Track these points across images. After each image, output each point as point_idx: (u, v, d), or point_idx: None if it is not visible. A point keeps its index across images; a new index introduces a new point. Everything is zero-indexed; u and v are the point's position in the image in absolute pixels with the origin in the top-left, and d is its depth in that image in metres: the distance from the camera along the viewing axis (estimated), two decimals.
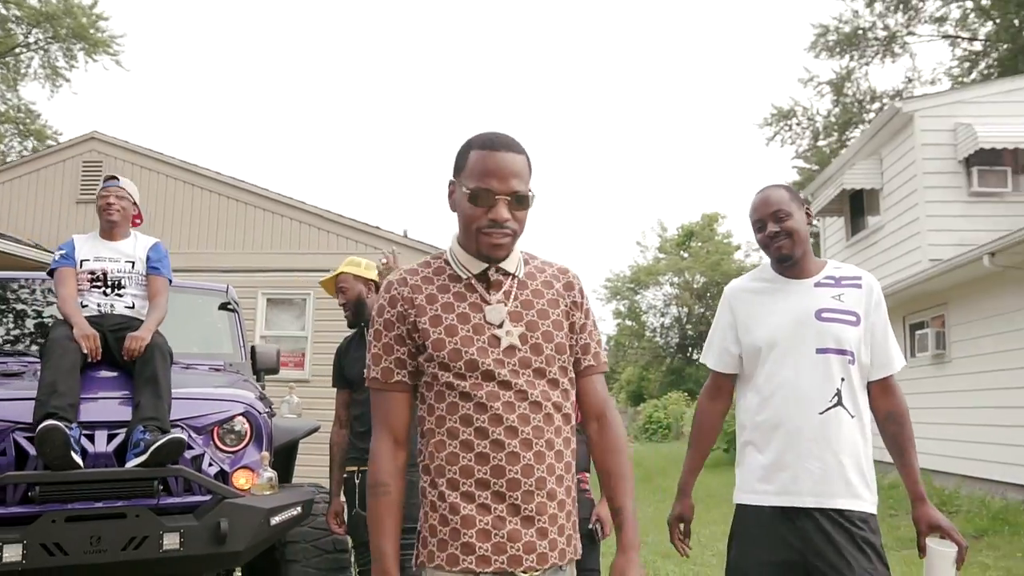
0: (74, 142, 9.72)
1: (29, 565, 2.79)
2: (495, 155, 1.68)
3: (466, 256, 1.75)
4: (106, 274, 3.67)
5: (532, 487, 1.65)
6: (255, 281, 8.99)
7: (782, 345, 2.47)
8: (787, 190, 2.53)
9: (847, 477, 2.37)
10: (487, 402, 1.66)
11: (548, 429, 1.69)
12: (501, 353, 1.69)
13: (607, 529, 3.34)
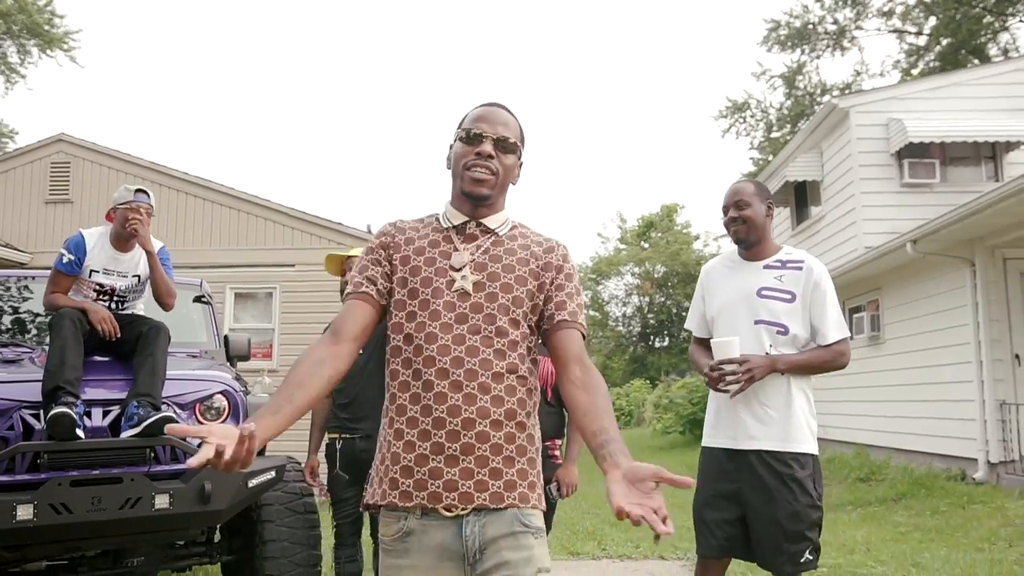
0: (42, 143, 9.96)
1: (40, 522, 3.19)
2: (489, 107, 1.88)
3: (452, 211, 1.88)
4: (114, 290, 3.94)
5: (458, 427, 1.68)
6: (223, 276, 9.34)
7: (726, 315, 3.03)
8: (755, 185, 3.06)
9: (775, 424, 2.87)
10: (424, 343, 1.73)
11: (485, 374, 1.71)
12: (453, 296, 1.76)
13: (564, 491, 3.79)
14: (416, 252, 1.83)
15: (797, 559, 2.82)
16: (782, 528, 2.81)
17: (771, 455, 2.86)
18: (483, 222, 1.87)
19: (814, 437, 2.94)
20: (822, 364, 2.94)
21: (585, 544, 6.34)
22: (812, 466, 2.90)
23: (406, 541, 1.71)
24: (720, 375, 2.87)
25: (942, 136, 11.52)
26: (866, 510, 7.50)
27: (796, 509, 2.81)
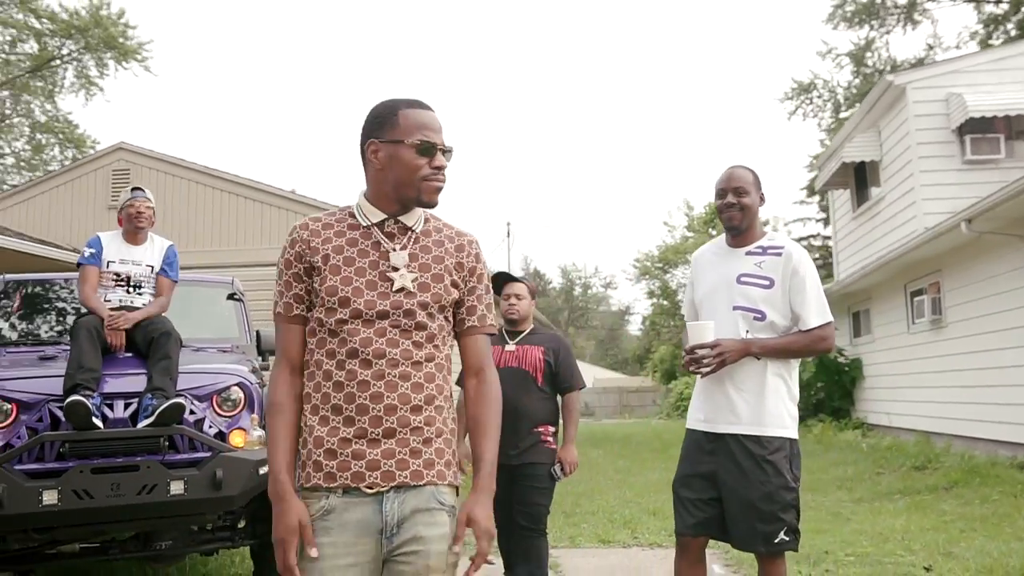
0: (104, 152, 10.50)
1: (64, 507, 3.43)
2: (429, 112, 1.88)
3: (371, 208, 1.90)
4: (129, 277, 4.33)
5: (381, 413, 1.79)
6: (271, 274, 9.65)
7: (709, 302, 3.08)
8: (753, 173, 3.08)
9: (751, 408, 2.91)
10: (348, 336, 1.81)
11: (405, 363, 1.82)
12: (373, 295, 1.83)
13: (567, 469, 3.95)
14: (335, 251, 1.87)
15: (771, 539, 2.85)
16: (755, 508, 2.85)
17: (747, 438, 2.90)
18: (401, 220, 1.92)
19: (793, 421, 2.96)
20: (800, 348, 2.95)
21: (618, 532, 6.37)
22: (789, 449, 2.93)
23: (326, 519, 1.78)
24: (693, 358, 2.91)
25: (1007, 109, 11.05)
26: (914, 499, 7.29)
27: (769, 490, 2.84)
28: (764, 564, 2.94)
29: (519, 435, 3.95)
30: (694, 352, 2.92)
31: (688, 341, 2.99)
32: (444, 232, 1.98)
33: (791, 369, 3.01)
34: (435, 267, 1.90)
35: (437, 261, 1.91)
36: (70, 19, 25.40)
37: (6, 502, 3.35)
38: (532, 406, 4.01)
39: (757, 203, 3.05)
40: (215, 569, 5.26)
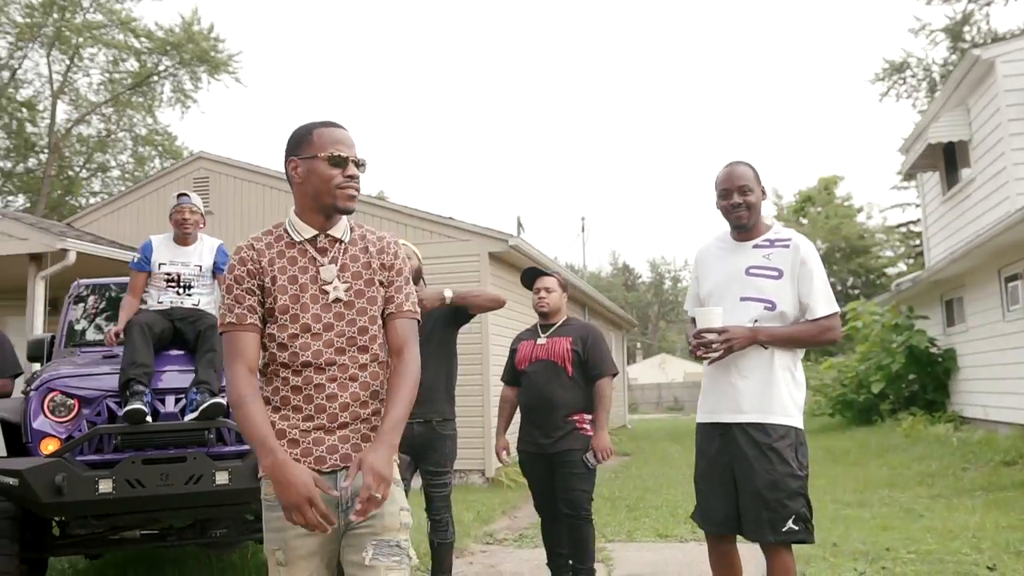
0: (186, 162, 11.04)
1: (118, 495, 3.66)
2: (340, 130, 2.09)
3: (302, 224, 2.08)
4: (180, 276, 4.52)
5: (336, 409, 2.01)
6: None
7: (716, 295, 3.09)
8: (751, 168, 3.10)
9: (756, 396, 2.92)
10: (300, 350, 2.00)
11: (352, 366, 2.03)
12: (318, 307, 2.03)
13: (600, 456, 4.03)
14: (280, 271, 2.06)
15: (778, 528, 2.84)
16: (761, 497, 2.85)
17: (751, 426, 2.92)
18: (331, 233, 2.10)
19: (798, 411, 2.98)
20: (807, 338, 2.97)
21: (678, 527, 6.31)
22: (794, 437, 2.94)
23: None
24: (700, 343, 2.92)
25: None
26: (996, 495, 6.92)
27: (774, 477, 2.85)
28: (770, 556, 2.91)
29: (554, 424, 4.09)
30: (702, 337, 2.92)
31: (688, 334, 3.03)
32: (368, 238, 2.17)
33: (796, 359, 3.03)
34: (365, 273, 2.10)
35: (366, 267, 2.11)
36: (166, 36, 26.72)
37: (66, 490, 3.60)
38: (563, 396, 4.12)
39: (760, 198, 3.08)
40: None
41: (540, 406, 4.15)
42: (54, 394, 3.94)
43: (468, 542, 6.09)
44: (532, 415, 4.23)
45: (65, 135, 27.33)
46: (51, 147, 26.71)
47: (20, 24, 25.43)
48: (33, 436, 3.85)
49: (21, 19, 25.57)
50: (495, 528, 6.54)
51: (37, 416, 3.89)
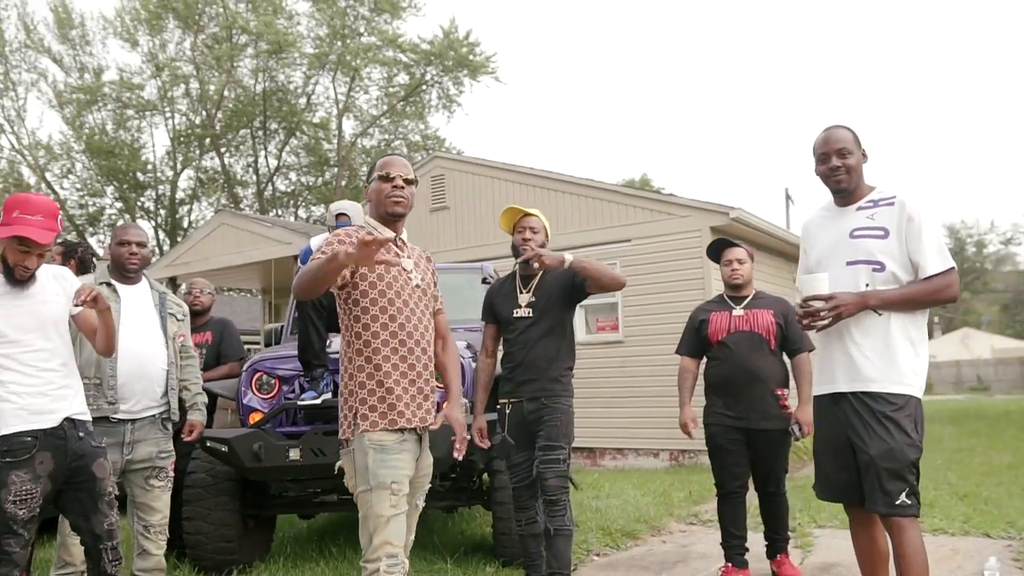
0: (424, 162, 11.95)
1: (304, 462, 4.12)
2: (394, 158, 2.85)
3: (380, 226, 2.80)
4: None
5: (424, 371, 2.77)
6: None
7: (823, 263, 3.00)
8: (850, 131, 3.00)
9: (872, 365, 2.80)
10: (405, 322, 2.72)
11: (427, 336, 2.80)
12: (413, 289, 2.77)
13: (806, 430, 3.98)
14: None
15: (891, 500, 2.72)
16: (876, 466, 2.74)
17: (866, 395, 2.80)
18: (401, 237, 2.87)
19: (918, 379, 2.81)
20: (922, 298, 2.77)
21: None
22: (913, 408, 2.78)
23: (402, 444, 2.66)
24: (806, 312, 2.81)
25: None
26: None
27: (890, 446, 2.73)
28: (893, 530, 2.76)
29: (761, 398, 4.08)
30: (808, 305, 2.79)
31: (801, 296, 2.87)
32: (417, 249, 2.97)
33: (918, 325, 2.83)
34: (428, 270, 2.92)
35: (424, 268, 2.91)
36: (429, 48, 28.87)
37: (263, 456, 4.14)
38: (769, 369, 4.12)
39: (860, 161, 2.95)
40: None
41: (742, 378, 4.11)
42: (259, 374, 4.54)
43: (669, 521, 6.02)
44: (730, 387, 4.15)
45: (351, 148, 30.59)
46: (340, 161, 30.06)
47: (310, 56, 28.90)
48: (243, 410, 4.47)
49: (311, 51, 29.08)
50: (705, 508, 6.38)
51: (246, 393, 4.51)
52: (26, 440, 2.84)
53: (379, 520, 2.56)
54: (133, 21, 28.46)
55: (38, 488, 2.85)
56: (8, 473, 2.80)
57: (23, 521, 2.82)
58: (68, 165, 28.91)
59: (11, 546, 2.80)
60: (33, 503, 2.84)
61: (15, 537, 2.81)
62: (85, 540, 3.08)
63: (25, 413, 2.87)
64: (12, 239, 2.93)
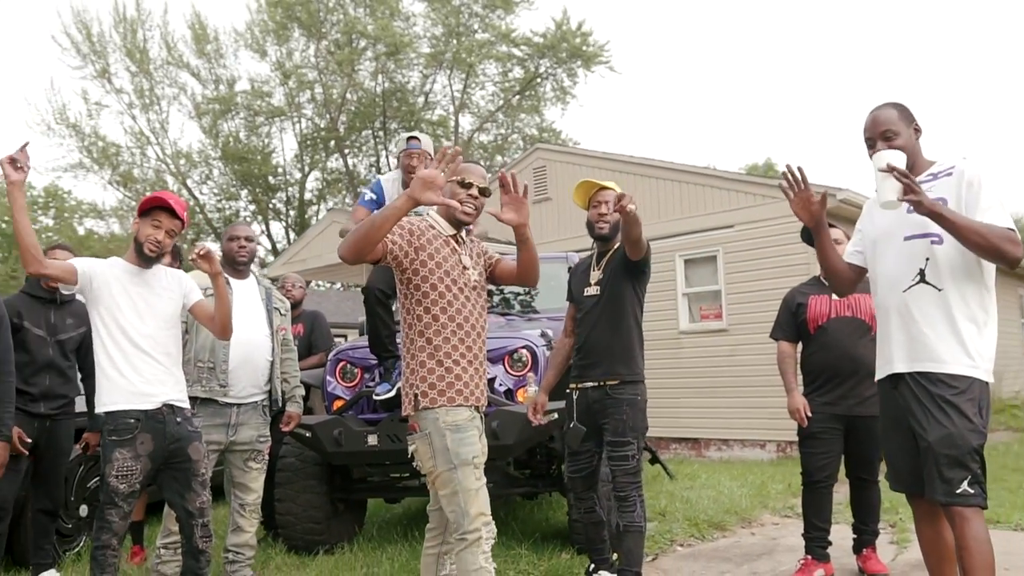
0: (527, 154, 12.02)
1: (381, 447, 4.29)
2: (473, 165, 3.04)
3: (444, 223, 3.00)
4: None
5: (480, 357, 2.96)
6: (671, 245, 9.99)
7: (881, 241, 2.89)
8: (896, 108, 2.84)
9: (931, 344, 2.67)
10: (461, 307, 2.91)
11: (482, 324, 3.00)
12: (470, 279, 2.97)
13: None
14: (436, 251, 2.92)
15: (952, 488, 2.57)
16: (934, 452, 2.59)
17: (924, 376, 2.67)
18: (460, 235, 3.04)
19: (984, 362, 2.64)
20: (986, 237, 2.54)
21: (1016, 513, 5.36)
22: (977, 392, 2.62)
23: (472, 422, 2.85)
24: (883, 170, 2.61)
25: None
26: None
27: (950, 431, 2.57)
28: (955, 520, 2.60)
29: (863, 385, 3.93)
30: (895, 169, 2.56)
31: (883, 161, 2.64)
32: (476, 241, 3.16)
33: (982, 302, 2.68)
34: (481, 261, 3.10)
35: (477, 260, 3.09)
36: (542, 41, 28.94)
37: (343, 442, 4.33)
38: (869, 356, 3.97)
39: (913, 139, 2.79)
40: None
41: (846, 367, 3.98)
42: (343, 363, 4.75)
43: (762, 513, 5.86)
44: (831, 376, 4.03)
45: (467, 144, 31.11)
46: None
47: (426, 55, 29.58)
48: (327, 397, 4.69)
49: (428, 50, 29.76)
50: None
51: (331, 381, 4.73)
52: (129, 421, 3.11)
53: (469, 493, 2.74)
54: (262, 32, 29.97)
55: (138, 466, 3.12)
56: (113, 450, 3.08)
57: (124, 495, 3.10)
58: (206, 172, 30.83)
59: (112, 516, 3.09)
60: (133, 479, 3.11)
61: (116, 508, 3.09)
62: (179, 516, 3.35)
63: (129, 393, 3.15)
64: (147, 214, 3.24)
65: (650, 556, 4.72)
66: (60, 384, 4.12)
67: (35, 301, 4.15)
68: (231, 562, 4.16)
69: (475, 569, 2.70)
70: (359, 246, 2.70)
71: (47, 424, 4.07)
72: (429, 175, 2.69)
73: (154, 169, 29.86)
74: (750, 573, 4.32)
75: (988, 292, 2.70)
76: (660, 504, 5.87)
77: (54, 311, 4.16)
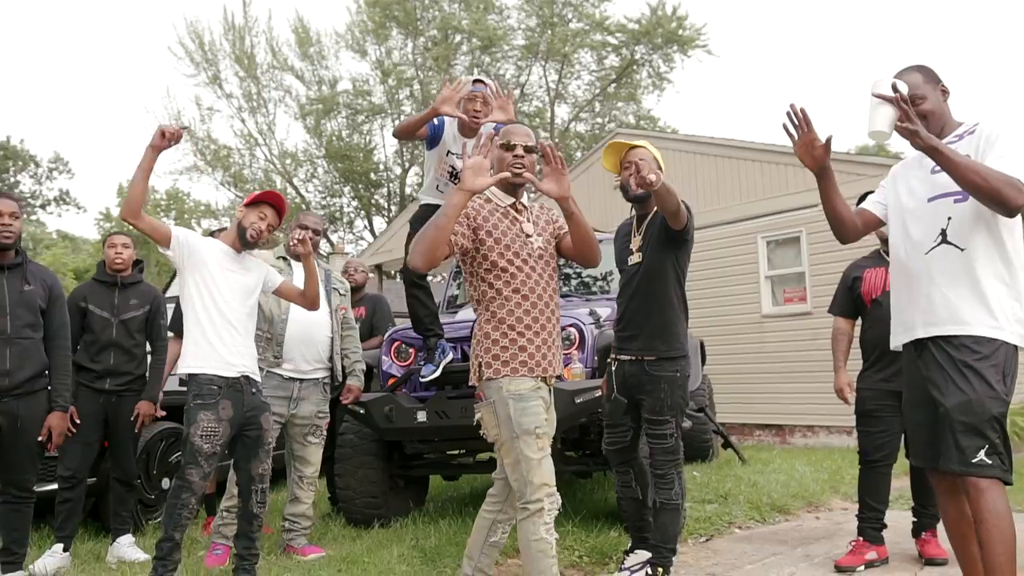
0: (606, 140, 11.96)
1: (430, 424, 4.39)
2: (516, 126, 3.06)
3: (501, 194, 3.03)
4: (455, 172, 4.25)
5: (548, 325, 2.95)
6: (753, 227, 9.71)
7: (906, 204, 2.79)
8: (920, 71, 2.75)
9: (953, 306, 2.56)
10: (525, 279, 2.93)
11: (549, 292, 2.98)
12: (533, 248, 2.97)
13: None
14: (495, 223, 2.96)
15: (967, 457, 2.44)
16: (950, 419, 2.47)
17: (945, 340, 2.54)
18: (522, 201, 3.07)
19: (1010, 323, 2.50)
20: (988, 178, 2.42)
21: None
22: (1001, 357, 2.48)
23: (536, 392, 2.87)
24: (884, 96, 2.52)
25: None
26: None
27: (969, 398, 2.45)
28: (970, 492, 2.47)
29: None
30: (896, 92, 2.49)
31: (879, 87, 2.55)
32: (536, 207, 3.15)
33: (1008, 262, 2.54)
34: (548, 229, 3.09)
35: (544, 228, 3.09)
36: (637, 27, 28.56)
37: (394, 419, 4.48)
38: None
39: (940, 102, 2.70)
40: None
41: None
42: (397, 343, 4.90)
43: (832, 498, 5.68)
44: (885, 348, 3.82)
45: (563, 135, 31.07)
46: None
47: (521, 47, 29.71)
48: (383, 376, 4.85)
49: (522, 42, 29.88)
50: None
51: (386, 360, 4.89)
52: (213, 388, 3.37)
53: (530, 463, 2.77)
54: (361, 33, 30.82)
55: (220, 428, 3.36)
56: (198, 412, 3.34)
57: (206, 455, 3.34)
58: (311, 170, 32.00)
59: (192, 476, 3.33)
60: (215, 440, 3.35)
61: (197, 468, 3.33)
62: (241, 480, 3.58)
63: (215, 361, 3.41)
64: (253, 206, 3.61)
65: (704, 537, 4.67)
66: (124, 362, 4.40)
67: (100, 285, 4.48)
68: (288, 530, 4.40)
69: (536, 539, 2.73)
70: (430, 253, 2.81)
71: (113, 400, 4.37)
72: (475, 164, 2.80)
73: (263, 169, 31.25)
74: (803, 556, 4.21)
75: (1018, 249, 2.56)
76: (725, 487, 5.77)
77: (118, 293, 4.47)
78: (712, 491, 5.64)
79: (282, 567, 3.94)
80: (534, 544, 2.73)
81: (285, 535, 4.39)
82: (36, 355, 3.72)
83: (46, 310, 3.80)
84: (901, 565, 3.95)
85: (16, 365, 3.62)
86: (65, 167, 27.79)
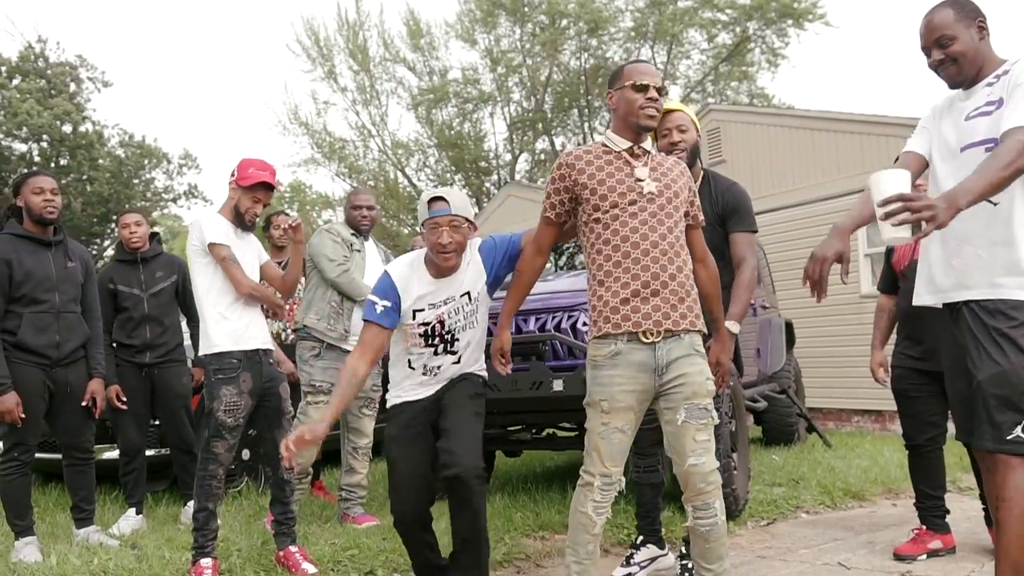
0: (700, 116, 11.62)
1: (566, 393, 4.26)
2: (643, 65, 2.71)
3: (618, 139, 2.69)
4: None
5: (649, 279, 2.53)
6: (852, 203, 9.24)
7: (937, 154, 2.60)
8: (953, 8, 2.50)
9: (989, 267, 2.37)
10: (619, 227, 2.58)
11: (653, 238, 2.55)
12: (643, 191, 2.59)
13: None
14: (599, 169, 2.65)
15: (1001, 434, 2.25)
16: (983, 392, 2.28)
17: (979, 305, 2.35)
18: (642, 145, 2.70)
19: None
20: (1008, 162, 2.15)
21: None
22: None
23: (615, 359, 2.54)
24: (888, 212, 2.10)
25: None
26: None
27: (1003, 369, 2.25)
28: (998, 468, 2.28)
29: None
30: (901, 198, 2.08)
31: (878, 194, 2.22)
32: (670, 161, 2.79)
33: None
34: (666, 178, 2.67)
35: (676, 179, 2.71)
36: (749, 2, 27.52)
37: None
38: None
39: (974, 41, 2.43)
40: None
41: (926, 312, 3.60)
42: None
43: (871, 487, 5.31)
44: (914, 324, 3.72)
45: None
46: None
47: (627, 30, 29.26)
48: None
49: (630, 23, 29.42)
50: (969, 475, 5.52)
51: None
52: (233, 361, 3.48)
53: (592, 436, 2.60)
54: (471, 22, 31.15)
55: (242, 402, 3.49)
56: (220, 387, 3.46)
57: (230, 427, 3.47)
58: (423, 159, 32.64)
59: (218, 448, 3.48)
60: (238, 413, 3.48)
61: (222, 441, 3.48)
62: (267, 450, 3.72)
63: (234, 336, 3.52)
64: (249, 190, 3.57)
65: (765, 520, 4.51)
66: (160, 334, 4.61)
67: (123, 265, 4.69)
68: (344, 499, 4.54)
69: (581, 511, 2.61)
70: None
71: (155, 372, 4.60)
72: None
73: (376, 160, 32.17)
74: (866, 543, 4.00)
75: None
76: (799, 471, 5.53)
77: (143, 269, 4.67)
78: (785, 475, 5.43)
79: (333, 533, 4.07)
80: (578, 515, 2.63)
81: (342, 504, 4.54)
82: (80, 328, 3.98)
83: (84, 284, 4.05)
84: (969, 556, 3.69)
85: (64, 338, 3.88)
86: (194, 162, 29.42)
